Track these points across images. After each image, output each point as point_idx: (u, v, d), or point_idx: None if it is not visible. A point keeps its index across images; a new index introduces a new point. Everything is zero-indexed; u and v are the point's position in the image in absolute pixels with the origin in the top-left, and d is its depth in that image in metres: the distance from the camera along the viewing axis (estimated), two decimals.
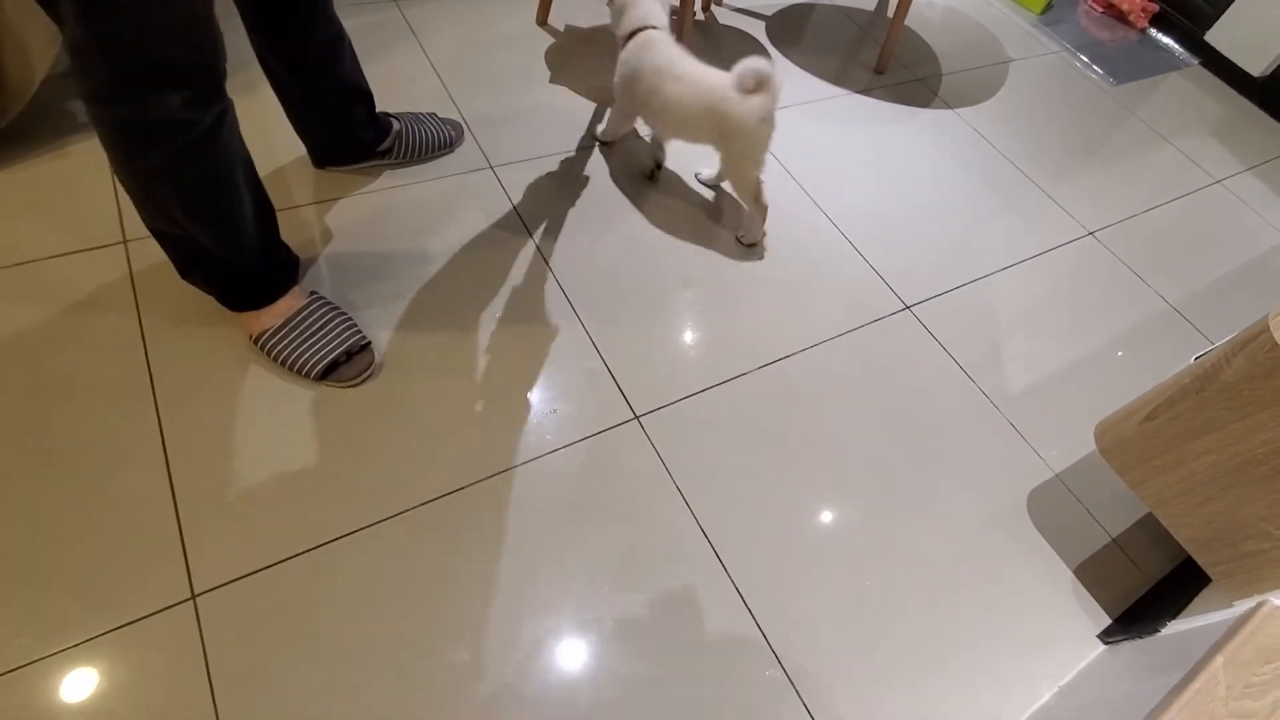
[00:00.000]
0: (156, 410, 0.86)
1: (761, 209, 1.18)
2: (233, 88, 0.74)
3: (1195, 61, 2.10)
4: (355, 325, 0.96)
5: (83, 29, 0.63)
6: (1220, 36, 2.02)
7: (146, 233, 0.84)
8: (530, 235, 1.16)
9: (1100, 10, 2.19)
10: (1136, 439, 0.80)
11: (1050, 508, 1.02)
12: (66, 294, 0.94)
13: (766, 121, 1.07)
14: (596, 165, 1.30)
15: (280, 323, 0.92)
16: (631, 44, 1.13)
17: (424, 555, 0.81)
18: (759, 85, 1.03)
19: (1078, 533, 1.01)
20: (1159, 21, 2.17)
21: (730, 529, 0.90)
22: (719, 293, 1.15)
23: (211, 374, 0.90)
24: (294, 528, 0.80)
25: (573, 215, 1.20)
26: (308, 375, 0.92)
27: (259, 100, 1.11)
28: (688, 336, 1.09)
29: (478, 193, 1.20)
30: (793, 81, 1.60)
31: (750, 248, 1.22)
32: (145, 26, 0.63)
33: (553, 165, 1.27)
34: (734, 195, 1.24)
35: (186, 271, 0.89)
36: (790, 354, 1.10)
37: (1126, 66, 1.98)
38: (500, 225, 1.16)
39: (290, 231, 0.95)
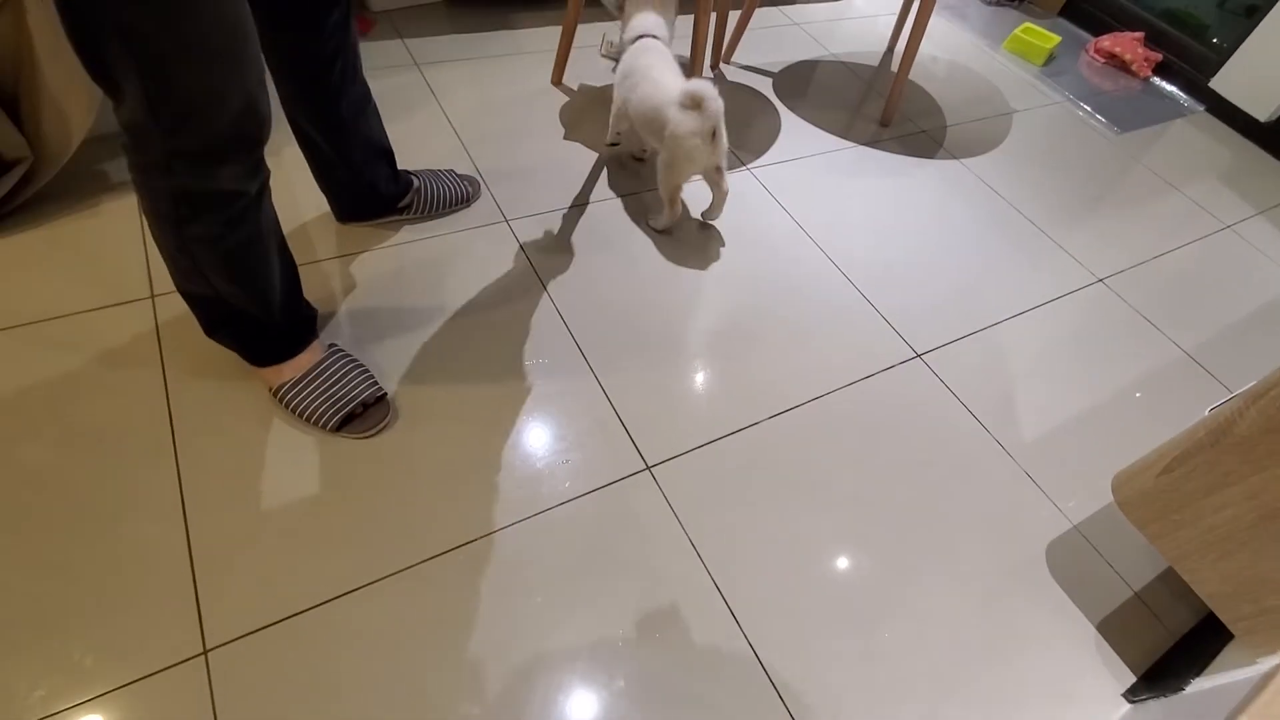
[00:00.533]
0: (176, 462, 0.87)
1: (673, 214, 1.28)
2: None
3: (1201, 108, 2.12)
4: (372, 377, 0.98)
5: (144, 109, 0.64)
6: (1226, 83, 2.05)
7: (173, 288, 0.87)
8: (544, 287, 1.18)
9: (1102, 61, 2.24)
10: (1154, 492, 0.79)
11: (1070, 560, 1.00)
12: (94, 347, 0.97)
13: (697, 136, 1.14)
14: (609, 218, 1.33)
15: (299, 375, 0.94)
16: (631, 48, 1.26)
17: (436, 608, 0.81)
18: (695, 104, 1.12)
19: (1099, 586, 0.99)
20: (1162, 70, 2.21)
21: (742, 581, 0.89)
22: (731, 342, 1.17)
23: (231, 427, 0.92)
24: (306, 581, 0.81)
25: (585, 267, 1.23)
26: (324, 427, 0.93)
27: (283, 158, 1.16)
28: (699, 386, 1.10)
29: (493, 246, 1.23)
30: (800, 136, 1.64)
31: (660, 232, 1.31)
32: (206, 108, 0.66)
33: (566, 219, 1.31)
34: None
35: (213, 330, 0.91)
36: (801, 403, 1.11)
37: (1131, 115, 2.01)
38: (514, 278, 1.19)
39: (311, 284, 0.98)
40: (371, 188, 1.16)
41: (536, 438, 0.99)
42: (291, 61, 0.94)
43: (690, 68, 1.45)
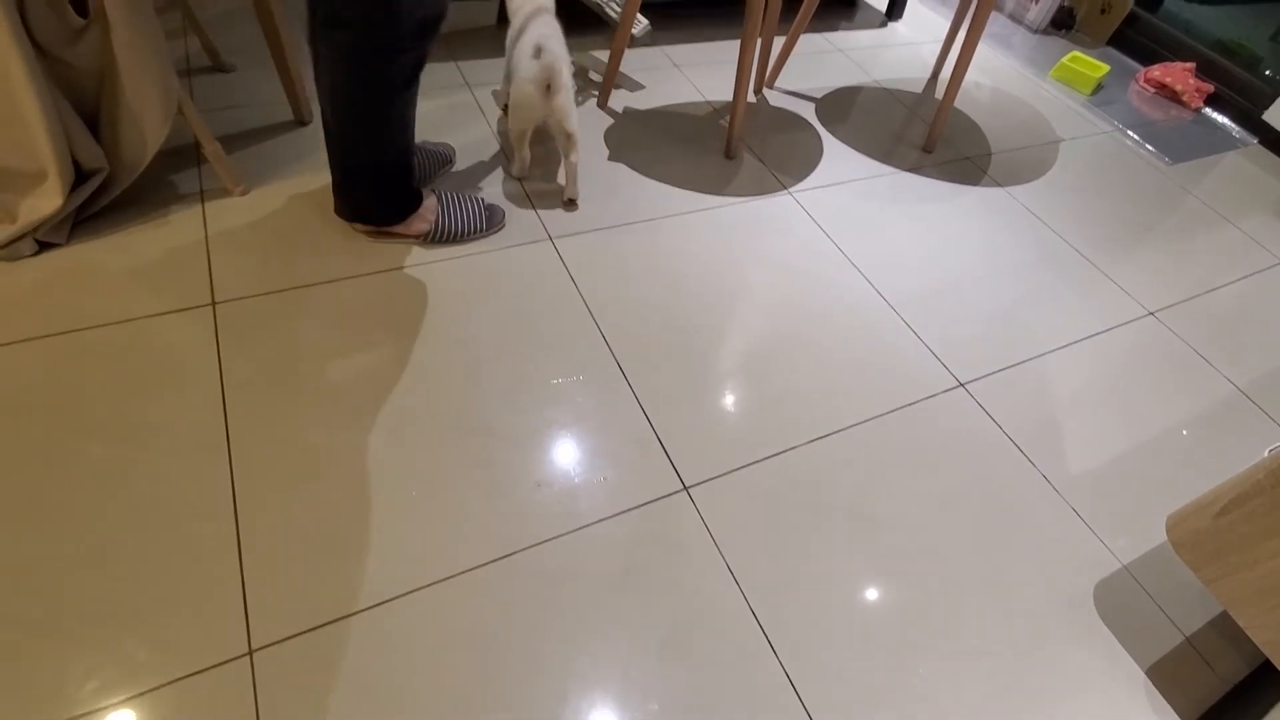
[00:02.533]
0: (230, 464, 0.90)
1: (520, 161, 1.37)
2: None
3: (1254, 141, 2.08)
4: (470, 193, 1.28)
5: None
6: None
7: (232, 296, 0.91)
8: (585, 304, 1.20)
9: (1152, 91, 2.21)
10: (1210, 534, 0.77)
11: (1119, 601, 0.97)
12: (157, 350, 1.00)
13: (532, 84, 1.20)
14: (653, 238, 1.34)
15: (439, 213, 1.22)
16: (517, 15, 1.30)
17: (473, 619, 0.82)
18: (536, 52, 1.18)
19: (1149, 629, 0.95)
20: (1214, 101, 2.17)
21: (778, 607, 0.89)
22: (771, 365, 1.17)
23: (284, 434, 0.95)
24: (349, 587, 0.82)
25: (628, 286, 1.24)
26: (482, 231, 1.26)
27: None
28: (738, 408, 1.10)
29: (537, 262, 1.25)
30: (842, 161, 1.64)
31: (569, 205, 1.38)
32: None
33: (609, 238, 1.33)
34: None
35: (380, 192, 1.16)
36: (842, 428, 1.10)
37: (1181, 146, 1.98)
38: (557, 295, 1.21)
39: (353, 299, 1.01)
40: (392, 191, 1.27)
41: (574, 454, 1.00)
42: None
43: (735, 94, 1.47)
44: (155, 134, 1.12)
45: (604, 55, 1.77)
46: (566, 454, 0.99)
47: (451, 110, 1.54)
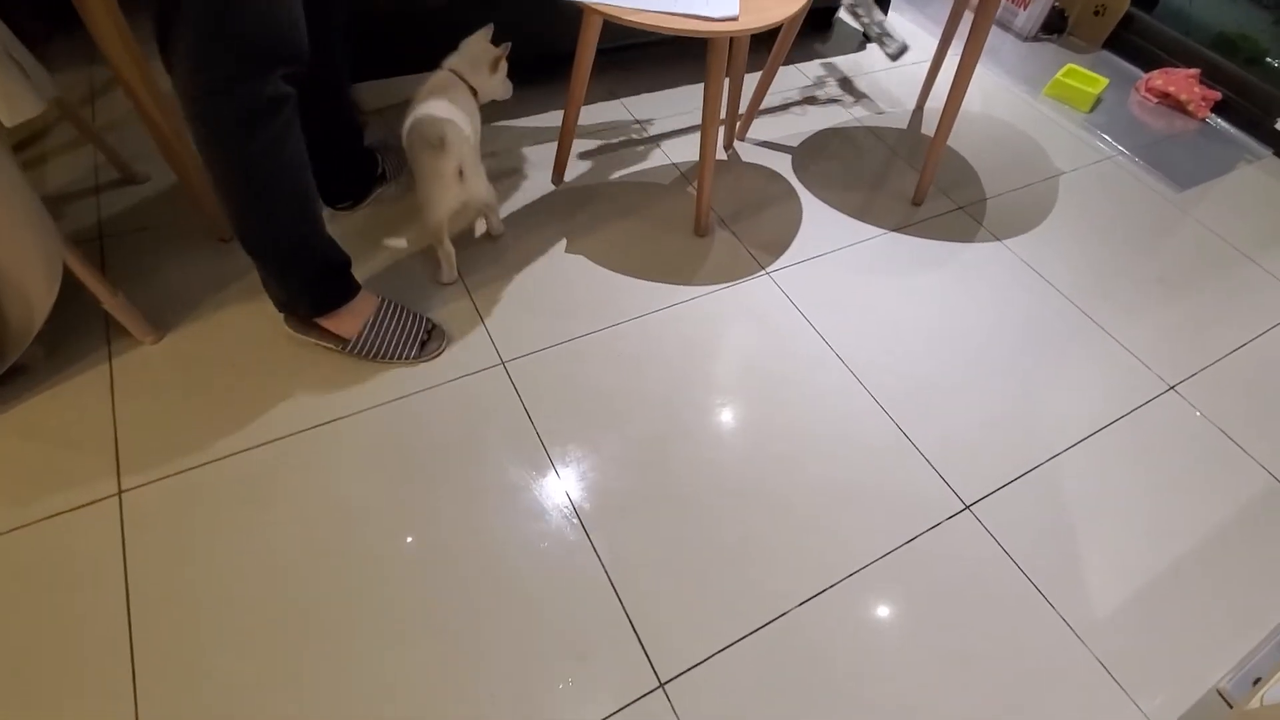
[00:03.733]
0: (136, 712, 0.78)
1: (445, 256, 1.24)
2: None
3: (1268, 152, 1.93)
4: (414, 310, 1.17)
5: (215, 25, 0.78)
6: None
7: (141, 481, 0.80)
8: (545, 448, 1.07)
9: (1155, 101, 2.05)
10: None
11: None
12: (53, 563, 0.88)
13: (440, 176, 1.11)
14: (618, 348, 1.21)
15: (371, 318, 1.11)
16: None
17: None
18: (438, 144, 1.08)
19: None
20: (1221, 109, 2.01)
21: None
22: (754, 508, 1.04)
23: (194, 665, 0.83)
24: None
25: (590, 417, 1.12)
26: (408, 358, 1.13)
27: None
28: (719, 569, 0.98)
29: (488, 395, 1.12)
30: (824, 225, 1.50)
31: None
32: (267, 17, 0.81)
33: (569, 353, 1.20)
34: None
35: (284, 276, 1.03)
36: (837, 581, 0.98)
37: (1189, 167, 1.83)
38: (511, 434, 1.08)
39: (260, 471, 0.88)
40: (359, 167, 1.34)
41: (535, 646, 0.88)
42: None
43: (701, 169, 1.33)
44: (42, 301, 0.99)
45: (554, 120, 1.62)
46: (523, 652, 0.87)
47: (395, 201, 1.40)
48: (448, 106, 1.14)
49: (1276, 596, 1.04)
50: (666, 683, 0.87)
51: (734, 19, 1.10)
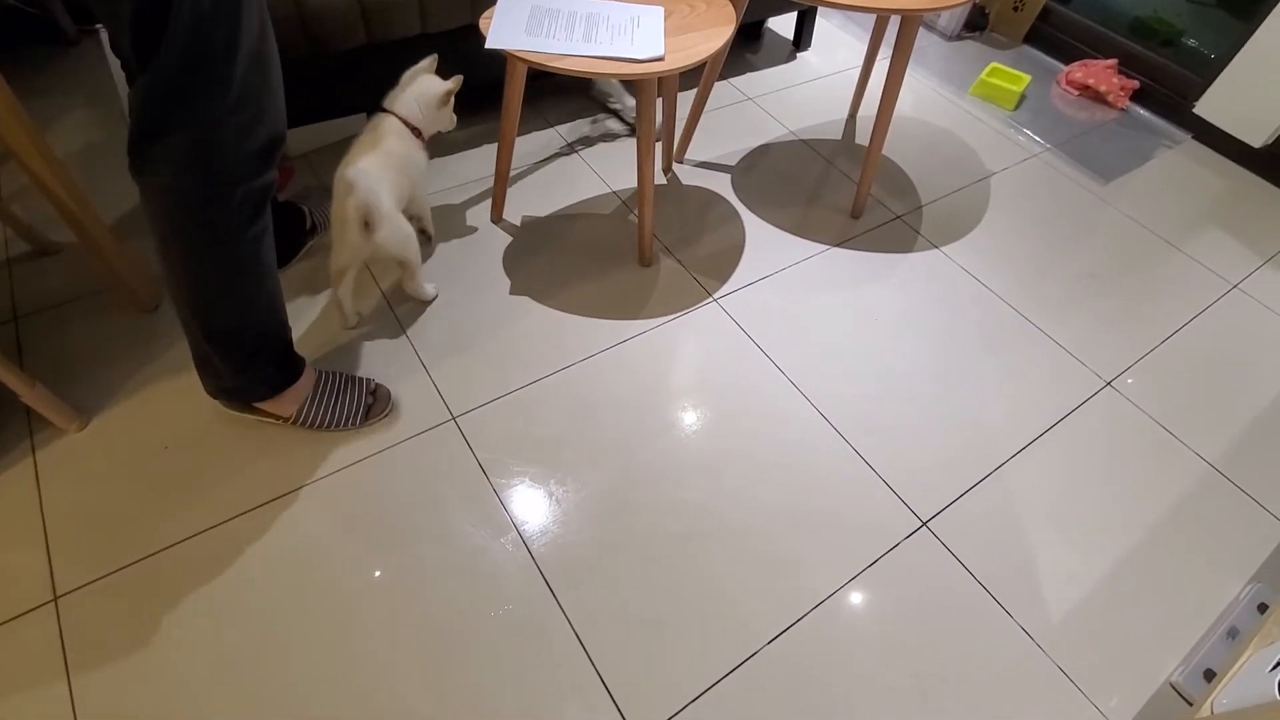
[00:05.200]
0: None
1: (342, 304, 1.21)
2: None
3: (1187, 137, 2.00)
4: (355, 375, 1.13)
5: (232, 121, 0.77)
6: (1212, 107, 1.92)
7: (78, 583, 0.82)
8: (503, 505, 1.05)
9: (1076, 93, 2.12)
10: None
11: None
12: None
13: (345, 224, 1.08)
14: (569, 392, 1.20)
15: (312, 393, 1.07)
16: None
17: None
18: (345, 189, 1.06)
19: None
20: (1140, 97, 2.09)
21: None
22: (717, 546, 1.04)
23: None
24: None
25: (546, 467, 1.10)
26: (354, 425, 1.10)
27: None
28: (684, 616, 0.97)
29: (441, 453, 1.10)
30: (767, 245, 1.51)
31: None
32: (267, 112, 0.82)
33: (520, 402, 1.18)
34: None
35: (249, 365, 0.98)
36: (804, 614, 0.99)
37: (1114, 158, 1.89)
38: (468, 493, 1.06)
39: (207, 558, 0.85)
40: (288, 222, 1.30)
41: (503, 718, 0.86)
42: None
43: (640, 199, 1.32)
44: None
45: (489, 154, 1.60)
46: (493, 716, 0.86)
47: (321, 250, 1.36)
48: (375, 158, 1.11)
49: (1221, 584, 1.08)
50: None
51: (660, 59, 1.09)
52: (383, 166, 1.11)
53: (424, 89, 1.19)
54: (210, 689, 0.85)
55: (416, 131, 1.20)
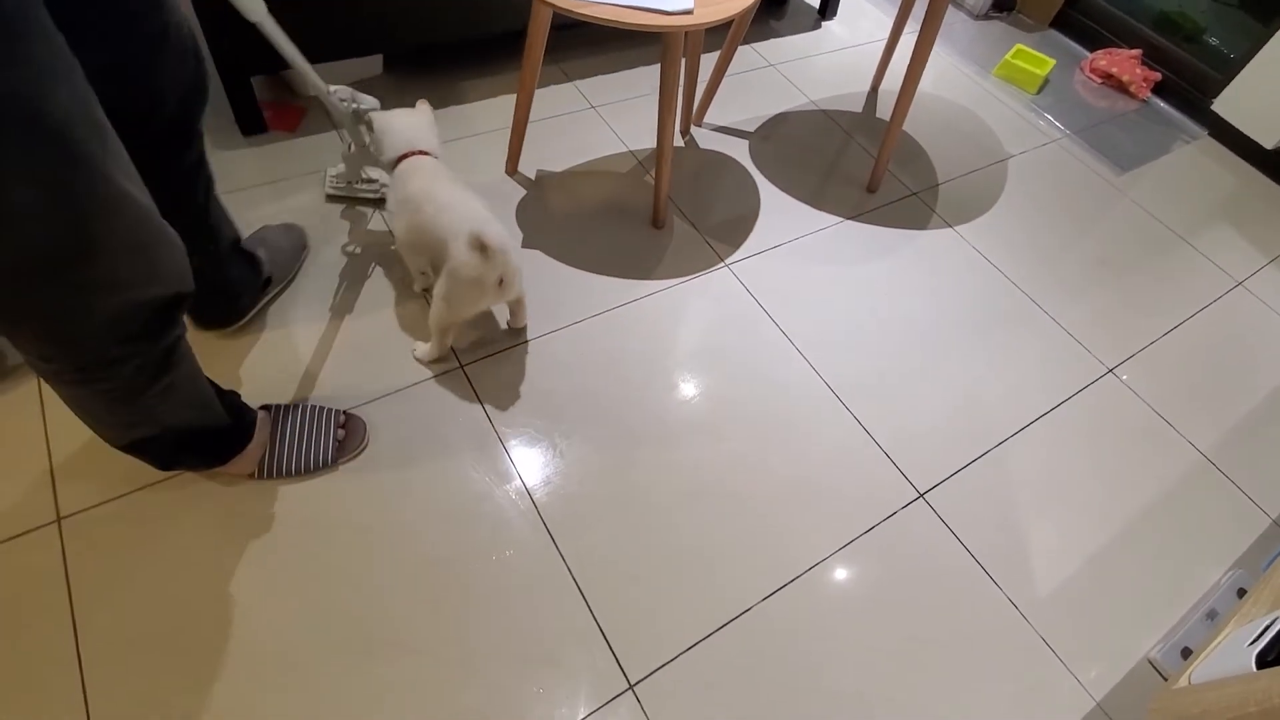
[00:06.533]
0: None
1: (442, 348, 1.12)
2: None
3: (1204, 133, 2.00)
4: (322, 406, 1.01)
5: (79, 299, 0.60)
6: (1229, 105, 1.91)
7: (81, 506, 0.84)
8: (508, 454, 1.06)
9: (1099, 81, 2.10)
10: None
11: None
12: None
13: (477, 285, 1.00)
14: (576, 348, 1.21)
15: (269, 446, 0.96)
16: (398, 172, 1.07)
17: None
18: (479, 248, 0.96)
19: None
20: (1161, 90, 2.07)
21: None
22: (717, 506, 1.06)
23: (149, 699, 0.81)
24: None
25: (552, 420, 1.11)
26: (325, 466, 0.98)
27: None
28: (684, 567, 0.99)
29: (449, 399, 1.11)
30: (781, 213, 1.51)
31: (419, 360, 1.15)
32: (147, 270, 0.64)
33: (528, 354, 1.18)
34: None
35: (171, 463, 0.90)
36: (799, 574, 1.01)
37: (1131, 148, 1.88)
38: (473, 439, 1.07)
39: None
40: (238, 284, 1.08)
41: (504, 659, 0.88)
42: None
43: (659, 159, 1.31)
44: None
45: (505, 106, 1.57)
46: (496, 661, 0.88)
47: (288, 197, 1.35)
48: (475, 201, 1.04)
49: (1204, 570, 1.11)
50: (636, 684, 0.89)
51: (689, 12, 1.08)
52: (480, 204, 1.04)
53: (428, 121, 1.12)
54: (213, 612, 0.87)
55: None
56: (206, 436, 0.88)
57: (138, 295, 0.64)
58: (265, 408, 0.99)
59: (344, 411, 1.03)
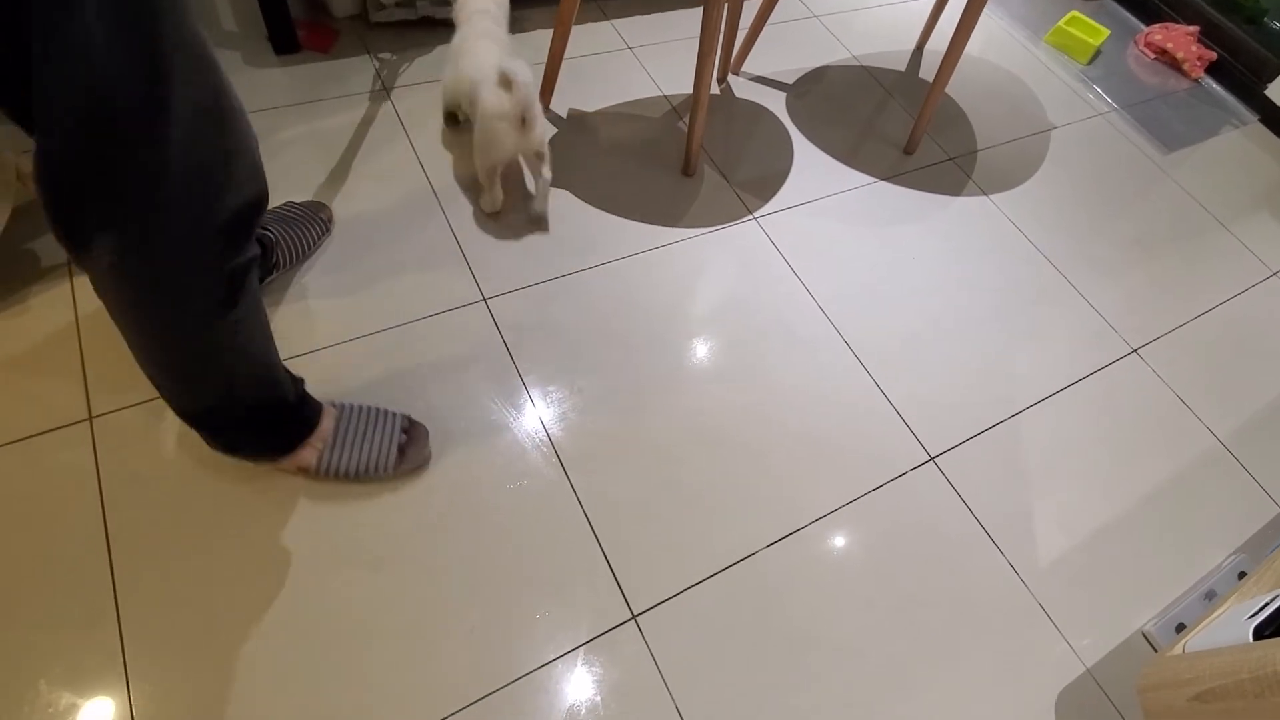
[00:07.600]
0: (120, 635, 0.80)
1: (493, 198, 1.21)
2: None
3: (1255, 119, 1.93)
4: (387, 409, 0.96)
5: (177, 194, 0.60)
6: None
7: (112, 407, 0.86)
8: (525, 387, 1.08)
9: (1152, 56, 2.02)
10: (1184, 714, 0.72)
11: (1081, 710, 0.94)
12: (21, 491, 0.88)
13: (505, 120, 1.08)
14: (599, 289, 1.20)
15: (331, 441, 0.91)
16: (463, 24, 1.21)
17: None
18: (505, 84, 1.06)
19: None
20: (1215, 71, 2.00)
21: None
22: (730, 454, 1.07)
23: (178, 591, 0.84)
24: None
25: (571, 358, 1.12)
26: (387, 470, 0.93)
27: None
28: (693, 508, 1.01)
29: (470, 331, 1.12)
30: (814, 170, 1.48)
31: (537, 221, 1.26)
32: (233, 177, 0.64)
33: (551, 292, 1.19)
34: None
35: (237, 443, 0.86)
36: (804, 525, 1.02)
37: (1179, 127, 1.83)
38: (492, 371, 1.08)
39: None
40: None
41: (516, 582, 0.91)
42: None
43: (694, 106, 1.28)
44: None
45: (541, 39, 1.54)
46: (503, 585, 0.91)
47: (364, 126, 1.34)
48: (499, 31, 1.19)
49: (1206, 552, 1.12)
50: (638, 615, 0.91)
51: None
52: (515, 53, 1.13)
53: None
54: (239, 516, 0.90)
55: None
56: (272, 416, 0.85)
57: (215, 176, 0.62)
58: (333, 406, 0.94)
59: (409, 416, 0.97)
